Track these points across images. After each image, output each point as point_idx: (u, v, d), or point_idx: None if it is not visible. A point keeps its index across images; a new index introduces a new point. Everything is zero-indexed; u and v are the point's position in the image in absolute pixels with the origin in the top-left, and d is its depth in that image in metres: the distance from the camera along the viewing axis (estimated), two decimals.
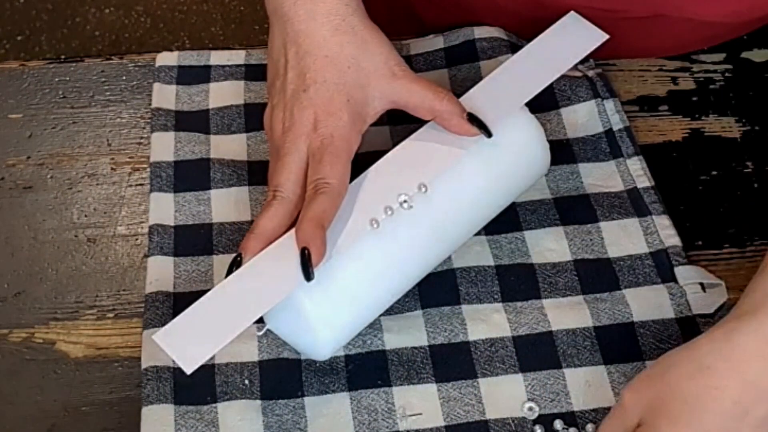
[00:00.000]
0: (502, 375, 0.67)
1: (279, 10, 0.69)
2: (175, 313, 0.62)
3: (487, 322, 0.69)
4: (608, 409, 0.65)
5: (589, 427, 0.64)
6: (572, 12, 0.75)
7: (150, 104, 0.82)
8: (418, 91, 0.67)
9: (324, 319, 0.63)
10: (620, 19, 0.79)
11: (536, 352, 0.68)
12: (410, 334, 0.68)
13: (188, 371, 0.59)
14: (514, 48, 0.83)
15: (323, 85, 0.66)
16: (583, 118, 0.79)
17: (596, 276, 0.71)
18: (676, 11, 0.77)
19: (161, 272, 0.71)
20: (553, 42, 0.73)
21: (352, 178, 0.65)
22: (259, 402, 0.65)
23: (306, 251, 0.61)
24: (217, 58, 0.85)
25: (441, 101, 0.67)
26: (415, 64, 0.84)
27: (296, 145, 0.65)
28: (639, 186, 0.75)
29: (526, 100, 0.70)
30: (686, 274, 0.71)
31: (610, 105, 0.80)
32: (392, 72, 0.68)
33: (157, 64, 0.84)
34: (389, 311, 0.69)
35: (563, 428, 0.64)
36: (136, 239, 0.75)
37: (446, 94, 0.67)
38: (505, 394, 0.66)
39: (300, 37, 0.67)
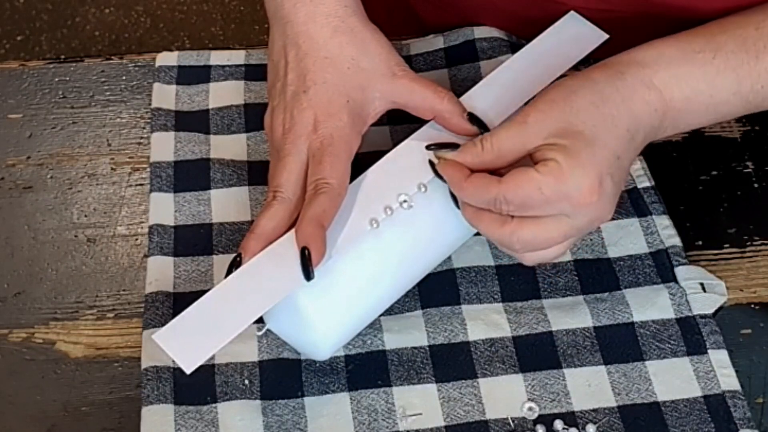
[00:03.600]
0: (502, 375, 0.67)
1: (279, 12, 0.69)
2: (175, 313, 0.62)
3: (487, 322, 0.69)
4: (608, 409, 0.65)
5: (590, 427, 0.64)
6: (572, 12, 0.75)
7: (150, 104, 0.82)
8: (418, 90, 0.68)
9: (324, 319, 0.63)
10: (618, 20, 0.79)
11: (536, 352, 0.68)
12: (410, 334, 0.68)
13: (188, 371, 0.59)
14: (514, 48, 0.83)
15: (323, 87, 0.66)
16: None
17: (596, 276, 0.71)
18: (669, 9, 0.77)
19: (161, 272, 0.71)
20: (553, 42, 0.73)
21: (352, 178, 0.65)
22: (259, 402, 0.65)
23: (306, 251, 0.61)
24: (217, 58, 0.85)
25: (441, 101, 0.67)
26: (415, 64, 0.84)
27: (296, 146, 0.65)
28: (639, 186, 0.75)
29: (526, 100, 0.70)
30: (686, 274, 0.71)
31: None
32: (392, 72, 0.68)
33: (157, 64, 0.84)
34: (389, 311, 0.69)
35: (563, 428, 0.64)
36: (136, 239, 0.75)
37: (446, 94, 0.67)
38: (505, 394, 0.66)
39: (300, 39, 0.67)
